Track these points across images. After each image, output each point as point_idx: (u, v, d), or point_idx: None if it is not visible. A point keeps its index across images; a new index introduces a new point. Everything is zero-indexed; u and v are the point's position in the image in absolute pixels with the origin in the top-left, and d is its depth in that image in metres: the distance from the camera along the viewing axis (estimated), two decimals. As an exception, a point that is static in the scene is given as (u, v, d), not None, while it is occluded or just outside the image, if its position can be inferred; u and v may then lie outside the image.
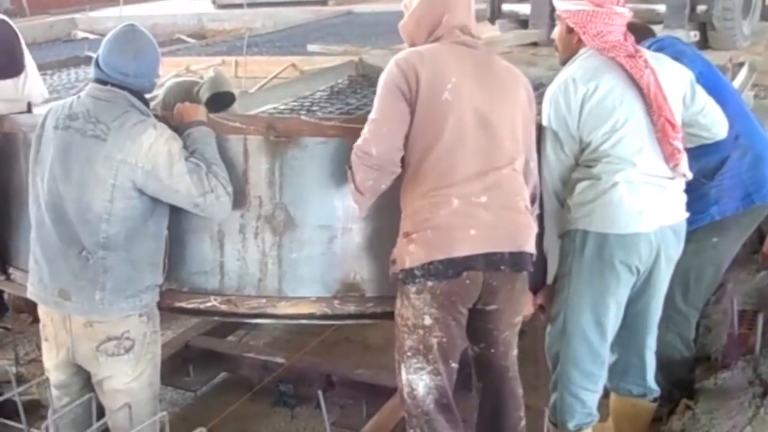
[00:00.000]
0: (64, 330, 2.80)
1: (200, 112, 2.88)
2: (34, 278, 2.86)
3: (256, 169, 2.89)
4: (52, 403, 2.89)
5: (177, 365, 4.02)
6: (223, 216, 2.82)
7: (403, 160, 2.69)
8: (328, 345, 4.19)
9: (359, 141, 2.65)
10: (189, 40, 15.08)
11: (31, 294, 2.89)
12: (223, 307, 2.98)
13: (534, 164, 2.90)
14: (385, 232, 2.90)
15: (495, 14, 9.59)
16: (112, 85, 2.78)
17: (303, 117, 2.89)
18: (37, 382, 2.96)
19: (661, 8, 7.15)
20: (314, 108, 8.63)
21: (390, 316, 2.96)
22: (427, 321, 2.66)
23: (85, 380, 2.92)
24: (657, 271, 3.03)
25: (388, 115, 2.65)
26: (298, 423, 3.86)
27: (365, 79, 10.01)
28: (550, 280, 3.10)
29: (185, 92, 5.11)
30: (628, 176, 2.90)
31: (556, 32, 3.17)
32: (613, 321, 3.03)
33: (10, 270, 3.42)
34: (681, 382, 3.59)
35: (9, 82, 5.68)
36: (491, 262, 2.64)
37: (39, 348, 4.45)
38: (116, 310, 2.76)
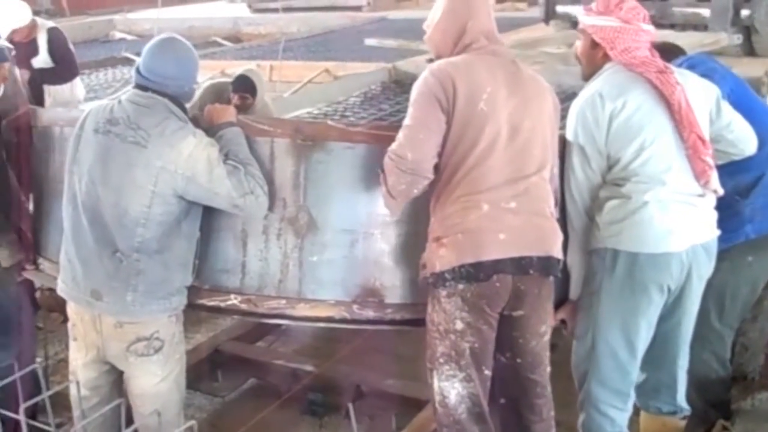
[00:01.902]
0: (94, 330, 2.80)
1: (230, 113, 2.89)
2: (67, 276, 2.87)
3: (282, 171, 2.89)
4: (79, 404, 2.87)
5: (206, 370, 4.00)
6: (261, 215, 2.84)
7: (436, 166, 2.67)
8: (358, 354, 4.14)
9: (393, 145, 2.64)
10: (225, 43, 15.22)
11: (62, 291, 2.90)
12: (243, 306, 2.98)
13: (556, 170, 2.90)
14: (407, 239, 2.89)
15: (549, 15, 9.64)
16: (153, 91, 2.79)
17: (329, 122, 2.84)
18: (66, 385, 2.92)
19: (706, 12, 7.11)
20: (347, 113, 8.65)
21: (408, 323, 2.96)
22: (459, 325, 2.65)
23: (114, 380, 2.92)
24: (688, 290, 2.97)
25: (424, 122, 2.64)
26: (326, 432, 3.83)
27: (398, 85, 10.02)
28: (573, 295, 3.05)
29: (220, 93, 5.19)
30: (657, 195, 2.85)
31: (579, 46, 3.12)
32: (643, 340, 2.97)
33: (40, 260, 3.43)
34: (717, 402, 3.52)
35: (65, 86, 5.79)
36: (520, 266, 2.64)
37: (69, 347, 4.50)
38: (147, 312, 2.77)
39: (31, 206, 3.50)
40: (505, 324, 2.75)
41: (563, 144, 2.96)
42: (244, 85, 5.06)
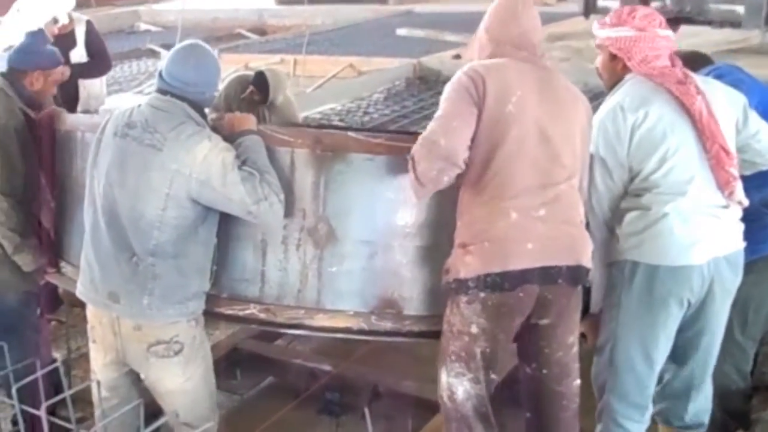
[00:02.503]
0: (113, 333, 2.82)
1: (250, 122, 2.89)
2: (86, 279, 2.89)
3: (302, 181, 2.88)
4: (100, 404, 2.90)
5: (225, 368, 4.01)
6: (276, 223, 2.83)
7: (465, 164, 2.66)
8: (376, 354, 4.14)
9: (425, 132, 2.62)
10: (249, 35, 15.25)
11: (80, 294, 2.92)
12: (262, 316, 2.98)
13: (585, 182, 2.87)
14: (426, 251, 2.87)
15: (589, 10, 9.59)
16: (172, 95, 2.80)
17: (350, 133, 2.85)
18: (87, 384, 2.95)
19: (741, 9, 7.05)
20: (370, 110, 8.70)
21: (426, 335, 2.95)
22: (474, 330, 2.64)
23: (133, 380, 2.94)
24: (710, 303, 2.93)
25: (457, 113, 2.63)
26: (342, 432, 3.84)
27: (423, 81, 10.04)
28: (594, 309, 3.03)
29: (245, 86, 5.22)
30: (678, 206, 2.82)
31: (599, 61, 3.10)
32: (662, 353, 2.95)
33: (62, 264, 3.45)
34: (736, 413, 3.48)
35: (97, 80, 5.79)
36: (548, 275, 2.61)
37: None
38: (163, 316, 2.78)
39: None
40: (530, 333, 2.73)
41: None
42: (260, 82, 5.11)
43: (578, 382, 2.83)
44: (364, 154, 2.83)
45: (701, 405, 3.14)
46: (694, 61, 3.27)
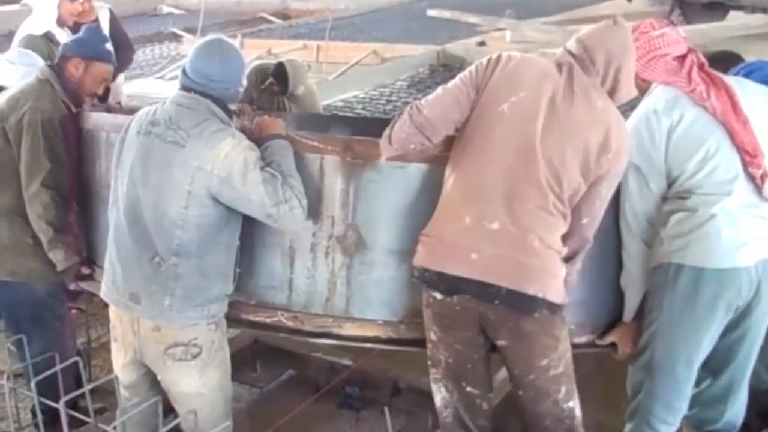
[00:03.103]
0: (132, 332, 2.80)
1: (278, 126, 2.85)
2: (108, 279, 2.86)
3: (331, 188, 2.85)
4: (120, 402, 2.89)
5: (245, 360, 4.01)
6: (296, 228, 2.78)
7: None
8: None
9: (422, 99, 2.68)
10: (272, 19, 15.22)
11: (103, 295, 2.90)
12: (289, 323, 2.96)
13: (588, 222, 2.68)
14: None
15: None
16: (196, 92, 2.76)
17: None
18: (108, 379, 2.95)
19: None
20: (393, 97, 8.63)
21: None
22: (433, 336, 2.67)
23: (153, 380, 2.91)
24: (756, 306, 2.84)
25: (454, 91, 2.65)
26: (363, 427, 3.80)
27: (447, 69, 9.95)
28: (626, 318, 2.96)
29: (266, 75, 5.20)
30: (725, 207, 2.74)
31: None
32: (702, 357, 2.88)
33: (95, 268, 3.46)
34: (763, 412, 3.43)
35: (121, 75, 5.75)
36: (485, 293, 2.53)
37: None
38: (183, 318, 2.74)
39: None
40: (499, 352, 2.69)
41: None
42: (279, 73, 5.09)
43: (571, 403, 2.71)
44: (394, 162, 2.79)
45: (737, 410, 3.08)
46: (725, 60, 3.21)
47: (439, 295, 2.59)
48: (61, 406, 2.71)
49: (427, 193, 2.75)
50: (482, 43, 10.45)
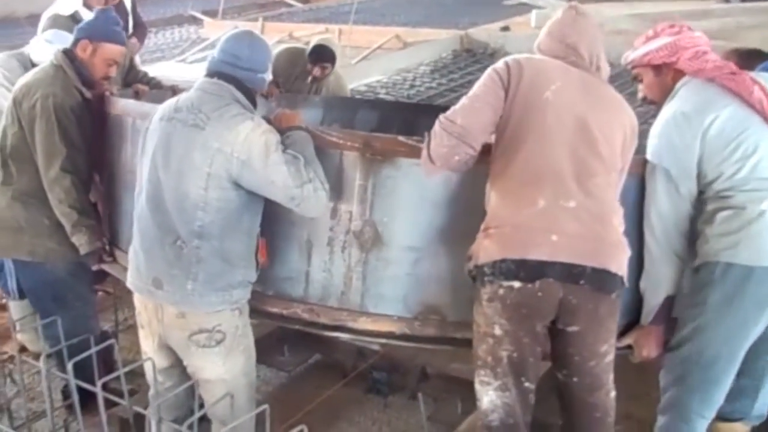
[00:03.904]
0: (156, 319, 2.80)
1: (298, 119, 2.85)
2: (132, 267, 2.86)
3: (350, 184, 2.85)
4: (154, 385, 2.90)
5: (272, 344, 4.00)
6: (319, 212, 2.76)
7: (492, 150, 2.62)
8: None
9: (447, 112, 2.61)
10: (293, 2, 15.17)
11: (129, 283, 2.90)
12: (305, 316, 2.97)
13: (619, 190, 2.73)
14: None
15: None
16: (221, 76, 2.76)
17: (400, 138, 2.80)
18: (140, 363, 2.95)
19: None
20: (416, 82, 8.60)
21: (469, 343, 2.88)
22: (497, 331, 2.54)
23: (185, 366, 2.91)
24: None
25: (482, 95, 2.61)
26: (391, 412, 3.78)
27: (470, 54, 9.91)
28: (644, 321, 2.92)
29: (294, 59, 5.15)
30: None
31: (644, 87, 3.00)
32: (743, 352, 2.85)
33: (117, 252, 3.49)
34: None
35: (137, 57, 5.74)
36: (570, 274, 2.46)
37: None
38: (206, 303, 2.71)
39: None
40: (559, 338, 2.62)
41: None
42: (324, 55, 5.02)
43: (613, 394, 2.71)
44: (413, 159, 2.77)
45: (766, 399, 3.06)
46: (751, 57, 3.18)
47: (517, 284, 2.47)
48: (98, 388, 2.71)
49: (445, 190, 2.74)
50: (506, 28, 10.39)
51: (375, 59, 9.65)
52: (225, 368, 2.81)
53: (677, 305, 2.89)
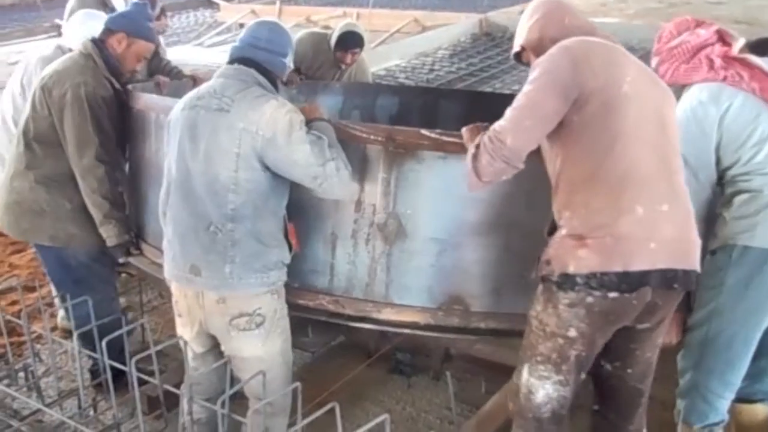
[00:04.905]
0: (198, 305, 2.81)
1: (320, 111, 2.87)
2: (168, 258, 2.86)
3: (373, 177, 2.86)
4: (187, 369, 2.94)
5: (297, 325, 4.00)
6: (343, 193, 2.76)
7: (562, 153, 2.47)
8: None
9: (497, 125, 2.43)
10: (310, -14, 15.13)
11: (166, 273, 2.90)
12: (331, 307, 3.00)
13: None
14: (495, 249, 2.83)
15: None
16: (241, 61, 2.80)
17: (423, 131, 2.80)
18: (173, 341, 2.98)
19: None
20: (436, 66, 8.58)
21: (493, 333, 2.92)
22: (572, 333, 2.44)
23: (220, 352, 2.94)
24: None
25: (536, 107, 2.42)
26: (415, 392, 3.79)
27: (489, 38, 9.87)
28: None
29: (317, 44, 5.14)
30: None
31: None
32: (759, 334, 2.86)
33: (143, 245, 3.52)
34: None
35: None
36: (665, 279, 2.38)
37: (161, 296, 4.58)
38: (245, 285, 2.72)
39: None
40: (623, 335, 2.56)
41: None
42: (356, 41, 5.01)
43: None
44: (436, 152, 2.78)
45: None
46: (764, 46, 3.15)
47: (614, 294, 2.36)
48: (130, 367, 2.75)
49: (466, 182, 2.67)
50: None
51: (393, 43, 9.63)
52: (264, 350, 2.83)
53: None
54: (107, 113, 3.40)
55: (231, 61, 2.83)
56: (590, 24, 2.69)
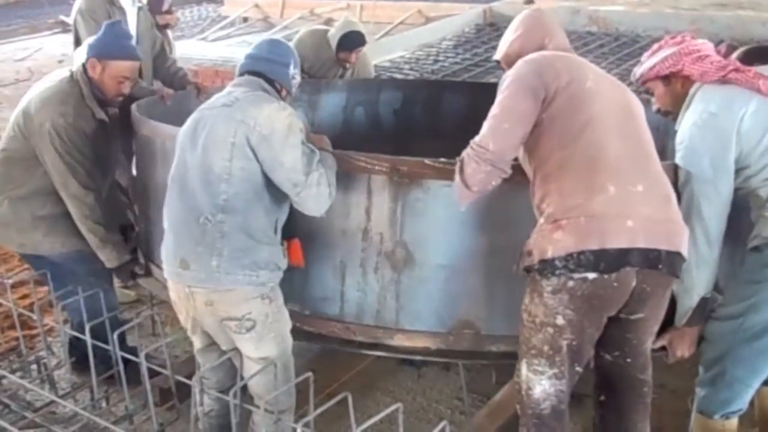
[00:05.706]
0: (190, 305, 2.81)
1: (324, 142, 2.90)
2: (164, 255, 2.86)
3: (379, 206, 2.90)
4: (198, 363, 2.95)
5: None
6: (317, 209, 2.74)
7: (535, 153, 2.55)
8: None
9: (477, 137, 2.53)
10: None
11: (165, 272, 2.88)
12: (342, 334, 3.07)
13: None
14: (502, 273, 2.78)
15: None
16: (247, 73, 2.90)
17: (427, 161, 2.81)
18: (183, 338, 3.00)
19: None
20: (440, 58, 8.55)
21: (504, 356, 2.94)
22: (560, 321, 2.47)
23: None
24: None
25: (510, 112, 2.53)
26: (425, 383, 3.81)
27: (493, 28, 9.84)
28: (678, 322, 2.89)
29: (319, 42, 5.14)
30: None
31: (655, 100, 2.99)
32: None
33: (152, 267, 3.58)
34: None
35: None
36: (648, 259, 2.39)
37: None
38: (232, 281, 2.69)
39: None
40: (617, 325, 2.59)
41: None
42: (360, 40, 5.02)
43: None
44: (441, 181, 2.80)
45: None
46: (760, 55, 3.13)
47: (592, 275, 2.38)
48: (141, 358, 2.76)
49: (473, 209, 2.72)
50: (530, 2, 10.29)
51: (398, 35, 9.61)
52: (258, 353, 2.83)
53: (729, 281, 2.91)
54: (89, 142, 3.41)
55: (239, 75, 2.92)
56: (568, 46, 2.82)
